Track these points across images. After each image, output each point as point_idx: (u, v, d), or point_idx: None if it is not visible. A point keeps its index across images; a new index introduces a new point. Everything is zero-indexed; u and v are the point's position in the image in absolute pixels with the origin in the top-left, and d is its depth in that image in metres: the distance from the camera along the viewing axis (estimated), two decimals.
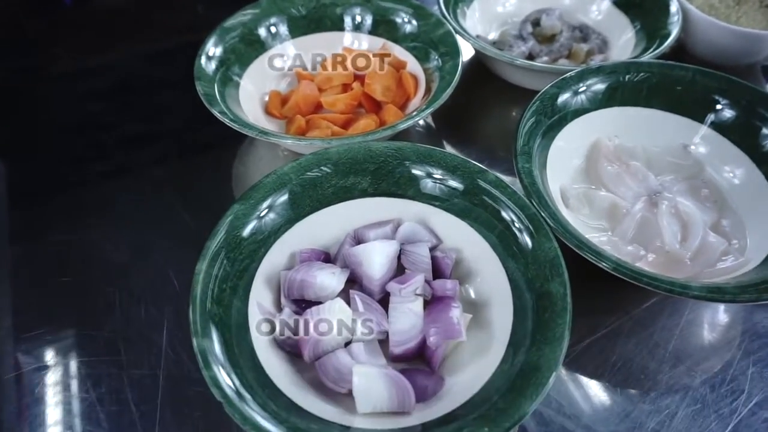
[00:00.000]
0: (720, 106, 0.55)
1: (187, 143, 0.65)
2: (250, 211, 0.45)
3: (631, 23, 0.69)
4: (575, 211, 0.53)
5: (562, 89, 0.54)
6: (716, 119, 0.55)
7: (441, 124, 0.69)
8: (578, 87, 0.55)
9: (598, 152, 0.56)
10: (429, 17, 0.63)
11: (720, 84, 0.54)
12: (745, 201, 0.52)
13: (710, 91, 0.55)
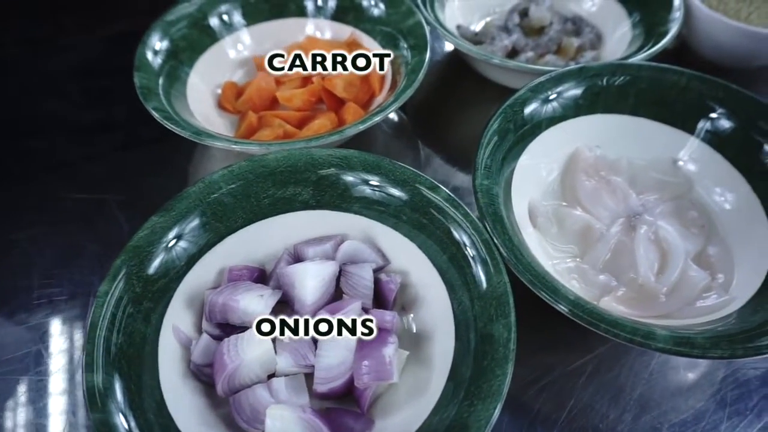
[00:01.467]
0: (716, 118, 0.48)
1: (136, 137, 0.60)
2: (170, 224, 0.41)
3: (628, 16, 0.62)
4: (543, 231, 0.47)
5: (536, 93, 0.48)
6: (711, 132, 0.49)
7: (416, 122, 0.63)
8: (556, 91, 0.49)
9: (576, 164, 0.50)
10: (399, 4, 0.57)
11: (717, 92, 0.48)
12: (737, 228, 0.46)
13: (706, 99, 0.48)
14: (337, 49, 0.59)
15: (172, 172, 0.57)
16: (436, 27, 0.55)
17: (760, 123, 0.46)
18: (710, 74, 0.63)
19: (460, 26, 0.64)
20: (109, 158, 0.58)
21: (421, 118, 0.64)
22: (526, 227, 0.46)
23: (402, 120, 0.64)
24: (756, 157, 0.46)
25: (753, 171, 0.46)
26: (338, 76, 0.55)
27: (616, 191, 0.49)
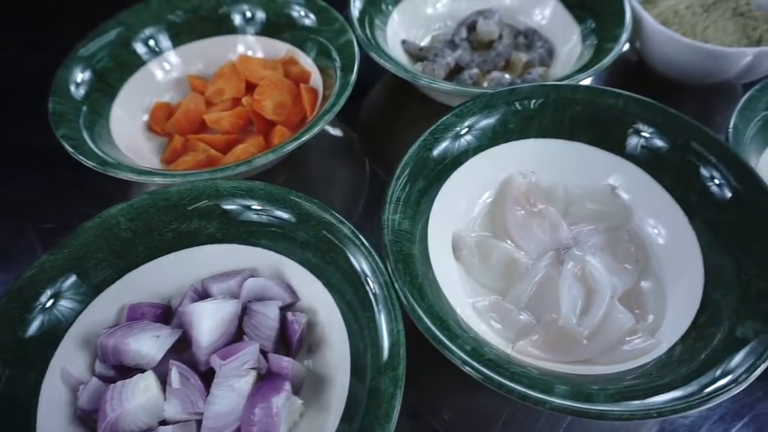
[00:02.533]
0: (653, 144, 0.45)
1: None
2: (62, 262, 0.39)
3: (580, 30, 0.58)
4: (467, 265, 0.45)
5: (461, 118, 0.46)
6: (648, 159, 0.46)
7: (365, 139, 0.61)
8: (484, 115, 0.46)
9: (508, 193, 0.47)
10: (333, 21, 0.55)
11: (655, 117, 0.45)
12: (672, 262, 0.43)
13: (643, 124, 0.45)
14: (272, 68, 0.57)
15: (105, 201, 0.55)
16: (369, 45, 0.53)
17: (697, 150, 0.43)
18: (669, 91, 0.61)
19: (405, 41, 0.61)
20: (34, 182, 0.56)
21: (370, 135, 0.61)
22: (447, 261, 0.44)
23: (350, 137, 0.62)
24: (693, 187, 0.43)
25: (689, 201, 0.43)
26: (268, 98, 0.53)
27: (546, 222, 0.46)
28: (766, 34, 0.57)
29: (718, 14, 0.56)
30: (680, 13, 0.57)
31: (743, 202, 0.40)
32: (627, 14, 0.54)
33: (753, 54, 0.51)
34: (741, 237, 0.39)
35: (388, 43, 0.58)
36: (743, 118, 0.46)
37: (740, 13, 0.56)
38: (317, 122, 0.46)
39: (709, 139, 0.43)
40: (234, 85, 0.55)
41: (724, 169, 0.42)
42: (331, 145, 0.61)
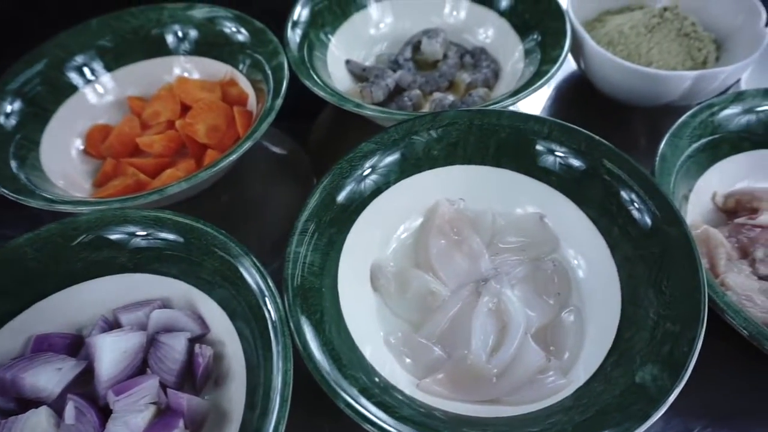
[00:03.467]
0: (578, 173, 0.44)
1: None
2: None
3: (523, 50, 0.57)
4: (385, 296, 0.44)
5: (382, 145, 0.45)
6: (574, 189, 0.44)
7: (315, 159, 0.60)
8: (407, 141, 0.45)
9: (433, 220, 0.46)
10: (267, 43, 0.54)
11: (580, 144, 0.44)
12: (593, 297, 0.42)
13: (569, 152, 0.44)
14: (209, 90, 0.56)
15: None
16: (296, 68, 0.52)
17: (620, 180, 0.42)
18: (620, 111, 0.59)
19: (349, 61, 0.60)
20: None
21: (318, 155, 0.60)
22: (363, 293, 0.43)
23: (300, 157, 0.61)
24: (615, 219, 0.42)
25: (612, 234, 0.42)
26: (201, 121, 0.53)
27: (469, 252, 0.45)
28: (711, 55, 0.55)
29: (662, 35, 0.54)
30: (625, 33, 0.55)
31: (659, 237, 0.39)
32: (567, 35, 0.53)
33: (693, 78, 0.50)
34: (656, 274, 0.38)
35: (328, 64, 0.57)
36: (672, 146, 0.44)
37: (685, 34, 0.54)
38: (236, 150, 0.45)
39: (632, 168, 0.41)
40: (169, 107, 0.55)
41: (645, 202, 0.40)
42: (280, 164, 0.61)
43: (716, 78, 0.51)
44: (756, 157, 0.48)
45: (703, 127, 0.46)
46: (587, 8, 0.62)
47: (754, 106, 0.47)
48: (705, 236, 0.44)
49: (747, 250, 0.44)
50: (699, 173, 0.47)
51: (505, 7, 0.60)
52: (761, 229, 0.44)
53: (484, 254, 0.44)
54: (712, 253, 0.43)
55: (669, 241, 0.38)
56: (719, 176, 0.48)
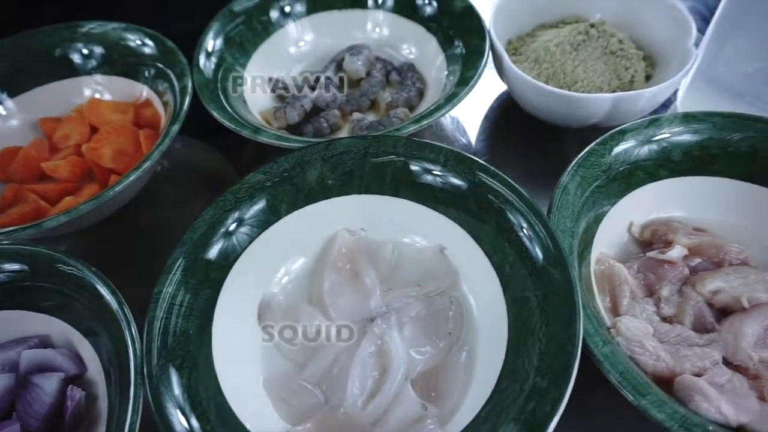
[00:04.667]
0: (473, 207, 0.42)
1: None
2: None
3: (446, 67, 0.55)
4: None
5: (272, 175, 0.43)
6: (470, 222, 0.42)
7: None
8: (300, 173, 0.43)
9: (330, 252, 0.44)
10: (176, 64, 0.52)
11: (474, 176, 0.41)
12: (485, 339, 0.40)
13: (464, 183, 0.42)
14: (122, 112, 0.55)
15: None
16: (199, 91, 0.50)
17: (512, 216, 0.39)
18: (554, 132, 0.56)
19: (272, 79, 0.58)
20: None
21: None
22: (244, 332, 0.41)
23: (230, 176, 0.59)
24: (506, 257, 0.39)
25: (504, 272, 0.40)
26: (107, 145, 0.51)
27: (360, 287, 0.43)
28: (639, 74, 0.52)
29: (587, 53, 0.52)
30: (551, 51, 0.53)
31: (543, 280, 0.36)
32: (484, 54, 0.50)
33: (611, 100, 0.47)
34: (536, 319, 0.35)
35: (246, 85, 0.56)
36: (576, 177, 0.42)
37: (611, 52, 0.52)
38: (123, 179, 0.43)
39: (526, 203, 0.39)
40: (78, 130, 0.54)
41: (533, 240, 0.38)
42: (205, 183, 0.59)
43: (638, 99, 0.48)
44: (675, 186, 0.45)
45: (613, 156, 0.43)
46: (521, 22, 0.59)
47: (670, 132, 0.45)
48: (609, 272, 0.41)
49: (653, 287, 0.41)
50: (611, 203, 0.44)
51: (431, 22, 0.57)
52: (670, 265, 0.41)
53: (376, 290, 0.42)
54: (615, 290, 0.41)
55: (552, 284, 0.36)
56: (635, 206, 0.45)
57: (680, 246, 0.42)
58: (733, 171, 0.45)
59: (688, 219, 0.46)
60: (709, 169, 0.45)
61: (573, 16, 0.59)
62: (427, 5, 0.57)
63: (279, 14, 0.58)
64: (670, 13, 0.53)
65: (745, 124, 0.44)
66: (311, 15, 0.59)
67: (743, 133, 0.44)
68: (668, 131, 0.45)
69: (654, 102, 0.51)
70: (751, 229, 0.45)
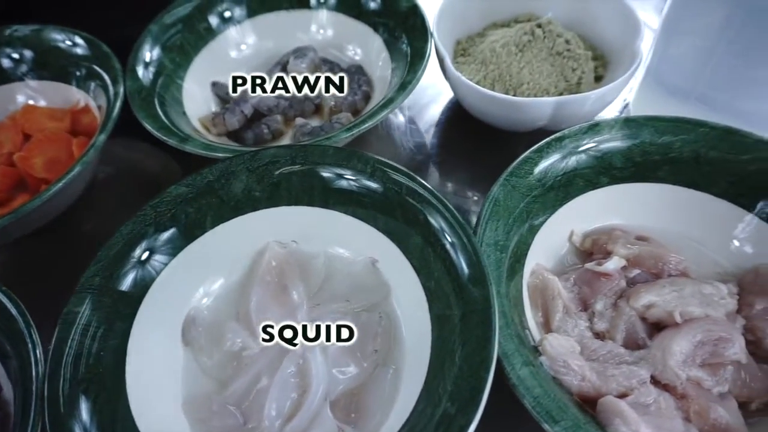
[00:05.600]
0: (398, 220, 0.40)
1: None
2: None
3: (391, 68, 0.53)
4: (196, 351, 0.40)
5: (194, 187, 0.41)
6: (398, 235, 0.40)
7: None
8: (223, 184, 0.42)
9: (260, 264, 0.43)
10: (110, 70, 0.51)
11: (401, 188, 0.40)
12: (411, 358, 0.38)
13: (392, 195, 0.40)
14: (59, 120, 0.53)
15: None
16: (130, 99, 0.48)
17: (437, 230, 0.38)
18: (506, 136, 0.55)
19: (216, 83, 0.57)
20: None
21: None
22: (167, 350, 0.40)
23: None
24: (431, 273, 0.38)
25: (430, 288, 0.38)
26: (39, 154, 0.50)
27: (287, 303, 0.41)
28: (587, 75, 0.50)
29: (532, 54, 0.50)
30: (497, 52, 0.51)
31: (464, 298, 0.35)
32: (424, 58, 0.49)
33: (554, 104, 0.46)
34: (454, 340, 0.34)
35: (186, 91, 0.54)
36: (509, 187, 0.40)
37: (558, 53, 0.50)
38: (39, 196, 0.42)
39: (450, 216, 0.37)
40: (11, 138, 0.52)
41: (457, 255, 0.36)
42: (153, 187, 0.57)
43: (583, 102, 0.46)
44: (618, 193, 0.44)
45: (550, 163, 0.42)
46: (471, 21, 0.57)
47: (611, 138, 0.43)
48: (543, 285, 0.40)
49: (588, 301, 0.40)
50: (548, 213, 0.42)
51: (377, 22, 0.56)
52: (606, 277, 0.40)
53: (303, 306, 0.41)
54: (548, 305, 0.39)
55: (471, 302, 0.34)
56: (575, 214, 0.43)
57: (618, 257, 0.41)
58: (677, 177, 0.43)
59: (632, 227, 0.44)
60: (653, 176, 0.44)
61: (526, 14, 0.57)
62: (372, 2, 0.55)
63: (218, 20, 0.56)
64: (620, 12, 0.52)
65: (687, 128, 0.42)
66: (253, 18, 0.57)
67: (685, 138, 0.42)
68: (608, 137, 0.43)
69: (601, 104, 0.49)
70: (695, 237, 0.44)
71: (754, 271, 0.41)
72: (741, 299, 0.40)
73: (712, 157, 0.42)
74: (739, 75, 0.42)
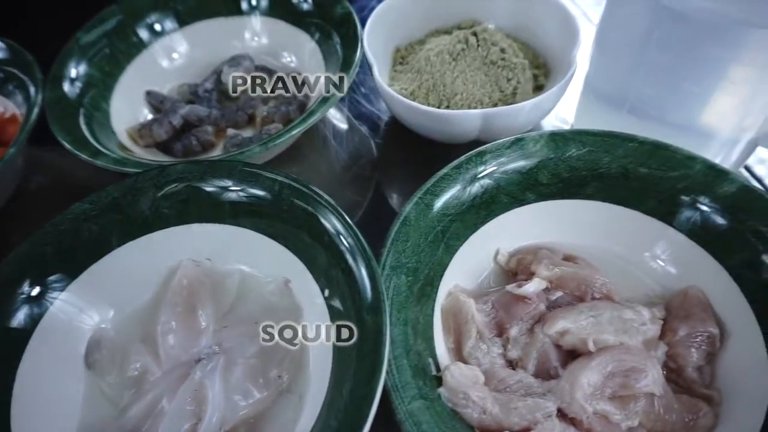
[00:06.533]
0: (308, 238, 0.38)
1: None
2: None
3: (325, 78, 0.51)
4: (98, 374, 0.39)
5: (98, 207, 0.40)
6: (306, 257, 0.39)
7: None
8: (133, 198, 0.40)
9: (170, 284, 0.41)
10: (33, 79, 0.49)
11: (306, 207, 0.38)
12: (315, 385, 0.36)
13: (300, 216, 0.38)
14: None
15: None
16: (49, 111, 0.47)
17: (341, 253, 0.36)
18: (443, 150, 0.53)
19: (150, 93, 0.55)
20: None
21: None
22: (65, 374, 0.38)
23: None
24: (335, 293, 0.36)
25: (335, 311, 0.36)
26: None
27: (194, 324, 0.40)
28: (524, 85, 0.48)
29: (466, 64, 0.48)
30: (431, 61, 0.49)
31: (358, 325, 0.33)
32: (351, 68, 0.47)
33: (481, 116, 0.44)
34: (343, 371, 0.32)
35: (113, 101, 0.52)
36: (421, 206, 0.38)
37: (492, 62, 0.48)
38: None
39: (353, 238, 0.36)
40: None
41: (357, 280, 0.35)
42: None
43: (512, 115, 0.44)
44: (545, 210, 0.42)
45: (469, 179, 0.40)
46: (412, 27, 0.55)
47: (536, 153, 0.41)
48: (456, 309, 0.38)
49: (504, 326, 0.38)
50: (470, 231, 0.41)
51: (313, 28, 0.54)
52: (524, 301, 0.38)
53: (209, 328, 0.39)
54: (461, 330, 0.37)
55: (365, 331, 0.32)
56: (500, 232, 0.41)
57: (538, 279, 0.39)
58: (606, 194, 0.41)
59: (561, 245, 0.43)
60: (582, 192, 0.42)
61: (469, 20, 0.55)
62: (304, 3, 0.54)
63: (148, 31, 0.55)
64: (561, 19, 0.50)
65: (615, 143, 0.40)
66: (185, 27, 0.55)
67: (613, 153, 0.40)
68: (533, 151, 0.41)
69: (537, 114, 0.47)
70: (625, 257, 0.42)
71: (682, 294, 0.39)
72: (666, 324, 0.38)
73: (641, 173, 0.40)
74: (665, 87, 0.39)
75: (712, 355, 0.37)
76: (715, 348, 0.37)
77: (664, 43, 0.37)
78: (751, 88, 0.38)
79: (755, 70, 0.37)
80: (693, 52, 0.36)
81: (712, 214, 0.38)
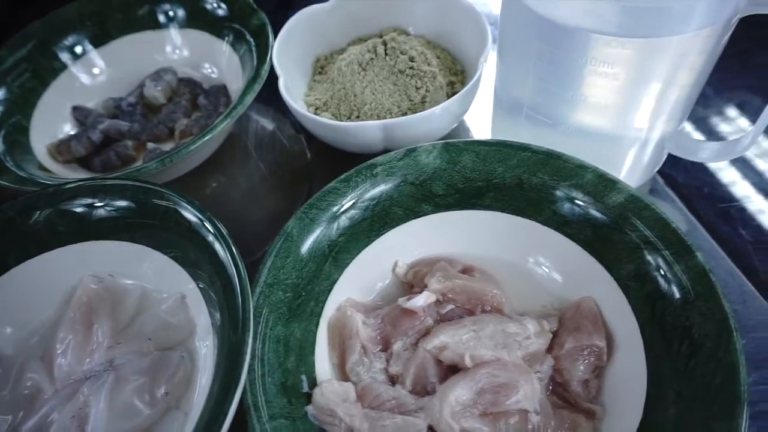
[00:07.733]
0: (192, 254, 0.38)
1: None
2: None
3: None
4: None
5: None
6: (194, 269, 0.39)
7: None
8: (28, 214, 0.41)
9: (71, 300, 0.42)
10: None
11: (199, 226, 0.38)
12: (201, 398, 0.37)
13: (189, 233, 0.38)
14: None
15: None
16: None
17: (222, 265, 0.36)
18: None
19: (76, 108, 0.56)
20: None
21: None
22: None
23: None
24: (216, 308, 0.36)
25: (217, 327, 0.36)
26: None
27: (89, 341, 0.40)
28: (434, 93, 0.48)
29: (374, 73, 0.48)
30: (343, 71, 0.49)
31: (229, 343, 0.33)
32: (256, 82, 0.47)
33: (381, 127, 0.43)
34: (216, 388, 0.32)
35: (33, 119, 0.53)
36: (305, 220, 0.38)
37: (400, 71, 0.47)
38: None
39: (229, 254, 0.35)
40: None
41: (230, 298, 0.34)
42: None
43: (412, 125, 0.44)
44: (443, 221, 0.41)
45: (359, 192, 0.40)
46: (333, 36, 0.55)
47: (429, 164, 0.40)
48: (342, 324, 0.38)
49: (389, 340, 0.38)
50: (363, 244, 0.40)
51: (232, 39, 0.54)
52: (411, 315, 0.38)
53: (103, 345, 0.40)
54: (345, 345, 0.37)
55: (228, 349, 0.32)
56: (396, 245, 0.41)
57: (428, 292, 0.38)
58: (503, 204, 0.41)
59: (461, 256, 0.42)
60: (479, 203, 0.41)
61: (390, 28, 0.55)
62: (219, 9, 0.54)
63: (67, 52, 0.55)
64: (474, 25, 0.49)
65: (509, 153, 0.40)
66: (105, 45, 0.56)
67: (507, 163, 0.40)
68: (427, 162, 0.41)
69: (444, 122, 0.46)
70: (523, 268, 0.41)
71: (575, 306, 0.38)
72: (556, 337, 0.37)
73: (535, 183, 0.39)
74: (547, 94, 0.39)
75: (599, 368, 0.36)
76: (602, 361, 0.36)
77: (540, 52, 0.36)
78: (617, 95, 0.37)
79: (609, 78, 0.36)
80: (558, 58, 0.36)
81: (603, 225, 0.37)
